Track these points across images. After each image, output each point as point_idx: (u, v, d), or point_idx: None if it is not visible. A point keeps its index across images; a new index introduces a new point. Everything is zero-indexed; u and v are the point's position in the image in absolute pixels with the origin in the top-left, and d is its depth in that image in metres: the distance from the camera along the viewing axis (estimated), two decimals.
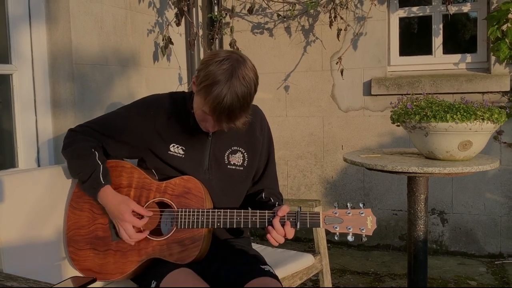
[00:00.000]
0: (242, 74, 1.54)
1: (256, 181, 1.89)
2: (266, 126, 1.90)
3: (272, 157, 1.92)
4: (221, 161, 1.78)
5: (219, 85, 1.51)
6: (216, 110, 1.53)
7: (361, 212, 1.62)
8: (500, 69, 3.43)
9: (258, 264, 1.73)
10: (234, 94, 1.52)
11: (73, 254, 1.79)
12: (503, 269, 3.37)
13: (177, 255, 1.66)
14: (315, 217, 1.62)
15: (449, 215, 3.67)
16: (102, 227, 1.77)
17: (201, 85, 1.55)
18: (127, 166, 1.80)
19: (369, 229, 1.61)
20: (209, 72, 1.54)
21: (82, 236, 1.78)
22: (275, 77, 3.99)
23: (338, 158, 3.88)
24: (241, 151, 1.81)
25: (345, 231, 1.61)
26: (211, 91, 1.52)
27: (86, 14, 2.66)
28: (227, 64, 1.54)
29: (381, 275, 3.32)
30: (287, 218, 1.61)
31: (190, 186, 1.70)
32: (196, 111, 1.65)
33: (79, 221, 1.80)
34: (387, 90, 3.65)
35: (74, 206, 1.82)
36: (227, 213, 1.66)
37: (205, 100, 1.54)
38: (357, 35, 3.73)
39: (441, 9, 3.67)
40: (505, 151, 3.48)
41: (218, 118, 1.56)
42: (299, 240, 3.98)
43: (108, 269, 1.73)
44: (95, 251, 1.76)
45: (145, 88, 3.17)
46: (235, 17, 3.99)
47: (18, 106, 2.45)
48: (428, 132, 2.10)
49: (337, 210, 1.62)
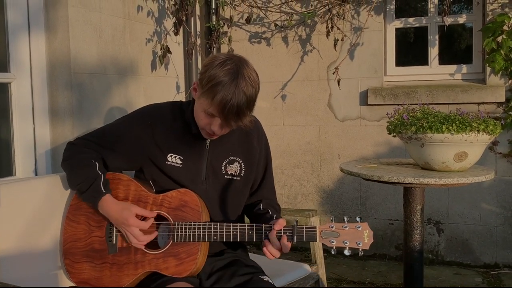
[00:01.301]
0: (247, 73, 1.57)
1: (254, 192, 1.89)
2: (264, 136, 1.91)
3: (270, 167, 1.93)
4: (218, 171, 1.78)
5: (226, 85, 1.53)
6: (224, 110, 1.54)
7: (357, 226, 1.61)
8: (496, 80, 3.46)
9: (257, 274, 1.74)
10: (242, 93, 1.54)
11: (69, 266, 1.78)
12: (499, 279, 3.37)
13: (173, 269, 1.65)
14: (311, 231, 1.61)
15: (445, 225, 3.68)
16: (99, 240, 1.75)
17: (206, 86, 1.56)
18: (124, 179, 1.79)
19: (365, 243, 1.60)
20: (214, 73, 1.55)
21: (79, 248, 1.77)
22: (272, 86, 4.01)
23: (334, 168, 3.89)
24: (238, 161, 1.81)
25: (341, 245, 1.60)
26: (217, 91, 1.53)
27: (84, 23, 2.67)
28: (230, 64, 1.56)
29: (377, 285, 3.32)
30: (283, 232, 1.60)
31: (186, 199, 1.70)
32: (200, 115, 1.65)
33: (75, 233, 1.79)
34: (384, 100, 3.67)
35: (71, 219, 1.81)
36: (223, 227, 1.65)
37: (212, 101, 1.55)
38: (353, 45, 3.75)
39: (437, 20, 3.70)
40: (500, 161, 3.50)
41: (226, 117, 1.57)
42: (296, 250, 3.97)
43: (104, 282, 1.72)
44: (91, 264, 1.75)
45: (143, 97, 3.18)
46: (233, 26, 4.01)
47: (16, 114, 2.45)
48: (424, 143, 2.11)
49: (334, 224, 1.62)
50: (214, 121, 1.62)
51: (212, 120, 1.62)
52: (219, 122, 1.61)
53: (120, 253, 1.72)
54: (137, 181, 1.79)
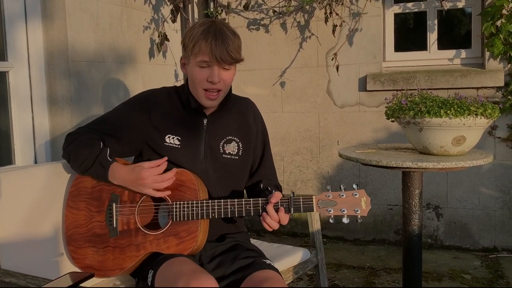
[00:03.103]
0: (221, 21, 1.75)
1: (254, 172, 1.92)
2: (260, 117, 1.95)
3: (268, 147, 1.96)
4: (216, 150, 1.81)
5: (205, 31, 1.67)
6: (212, 47, 1.64)
7: (354, 193, 1.60)
8: (495, 64, 3.45)
9: (259, 257, 1.75)
10: (222, 28, 1.68)
11: (73, 252, 1.80)
12: (497, 262, 3.40)
13: (174, 248, 1.68)
14: (308, 201, 1.62)
15: (444, 210, 3.70)
16: (99, 224, 1.78)
17: (190, 45, 1.69)
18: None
19: (363, 210, 1.59)
20: (192, 33, 1.70)
21: (81, 234, 1.80)
22: (271, 73, 4.00)
23: (334, 154, 3.90)
24: (236, 140, 1.84)
25: (339, 214, 1.59)
26: (201, 39, 1.66)
27: (81, 11, 2.66)
28: (205, 22, 1.72)
29: (376, 269, 3.35)
30: (280, 204, 1.62)
31: (183, 179, 1.72)
32: (195, 73, 1.71)
33: (77, 219, 1.81)
34: (382, 86, 3.67)
35: (70, 205, 1.83)
36: (221, 203, 1.67)
37: (200, 49, 1.66)
38: (352, 31, 3.74)
39: (436, 5, 3.68)
40: (499, 146, 3.50)
41: (219, 55, 1.65)
42: (295, 235, 4.00)
43: (108, 266, 1.75)
44: (94, 248, 1.77)
45: (141, 85, 3.18)
46: (231, 13, 3.99)
47: (14, 103, 2.45)
48: (422, 128, 2.12)
49: (330, 193, 1.61)
50: (211, 70, 1.69)
51: (208, 70, 1.69)
52: (215, 66, 1.68)
53: (121, 236, 1.74)
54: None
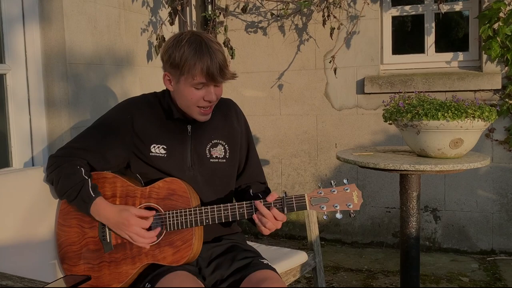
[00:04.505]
0: (204, 35, 1.69)
1: (241, 173, 1.90)
2: (242, 116, 1.94)
3: (252, 146, 1.94)
4: (203, 155, 1.79)
5: (197, 52, 1.62)
6: (207, 64, 1.61)
7: (345, 188, 1.61)
8: (492, 67, 3.46)
9: (257, 257, 1.75)
10: (213, 49, 1.64)
11: (68, 271, 1.77)
12: (495, 265, 3.40)
13: (170, 258, 1.66)
14: (301, 200, 1.62)
15: (441, 212, 3.70)
16: (93, 240, 1.74)
17: (181, 66, 1.64)
18: (108, 176, 1.77)
19: (356, 204, 1.60)
20: (180, 53, 1.64)
21: (75, 252, 1.76)
22: (269, 75, 4.01)
23: (331, 156, 3.90)
24: (222, 143, 1.83)
25: (332, 210, 1.60)
26: (194, 61, 1.62)
27: (79, 14, 2.66)
28: (186, 38, 1.67)
29: (374, 272, 3.34)
30: (273, 205, 1.62)
31: (174, 188, 1.69)
32: (189, 93, 1.67)
33: (69, 237, 1.78)
34: (380, 89, 3.67)
35: (62, 224, 1.80)
36: (214, 209, 1.66)
37: (195, 72, 1.62)
38: (350, 34, 3.75)
39: (433, 7, 3.69)
40: (497, 148, 3.51)
41: (212, 72, 1.62)
42: (293, 238, 4.00)
43: (104, 281, 1.71)
44: (89, 265, 1.74)
45: (139, 87, 3.18)
46: (229, 16, 4.00)
47: (12, 105, 2.44)
48: (419, 130, 2.12)
49: (322, 190, 1.62)
50: (207, 89, 1.67)
51: (204, 89, 1.67)
52: (212, 86, 1.67)
53: (116, 250, 1.71)
54: (122, 177, 1.77)
